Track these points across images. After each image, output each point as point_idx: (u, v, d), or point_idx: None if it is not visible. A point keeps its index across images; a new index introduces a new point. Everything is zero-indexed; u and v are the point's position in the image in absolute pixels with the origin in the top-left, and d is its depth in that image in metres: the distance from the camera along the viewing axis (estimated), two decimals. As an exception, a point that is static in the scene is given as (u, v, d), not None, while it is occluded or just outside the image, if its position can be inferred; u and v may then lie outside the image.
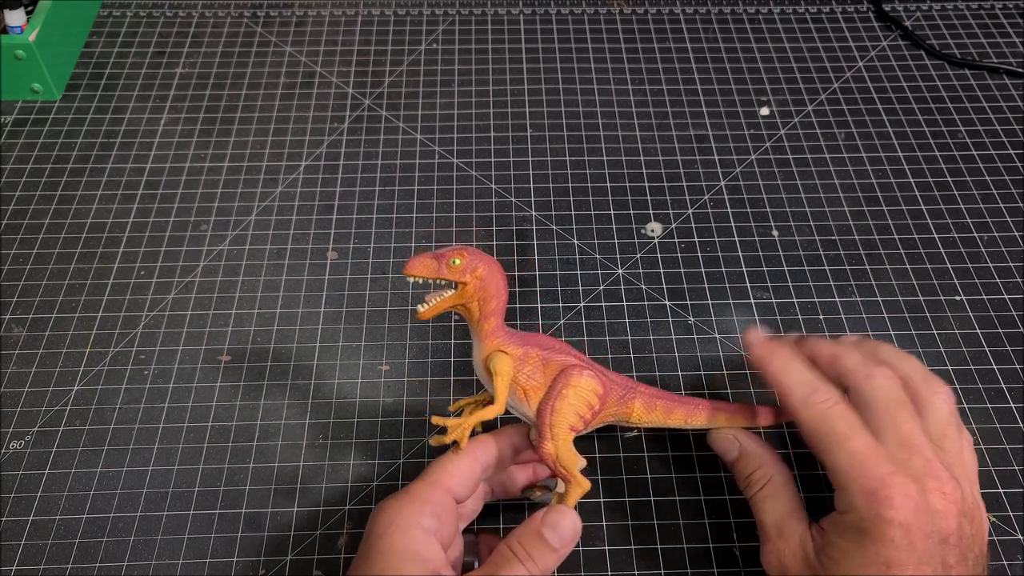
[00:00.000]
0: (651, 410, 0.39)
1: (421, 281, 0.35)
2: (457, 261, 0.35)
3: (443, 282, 0.35)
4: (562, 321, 0.49)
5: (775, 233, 0.53)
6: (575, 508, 0.35)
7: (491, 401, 0.36)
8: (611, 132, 0.60)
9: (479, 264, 0.35)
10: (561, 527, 0.33)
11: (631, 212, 0.55)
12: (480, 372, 0.38)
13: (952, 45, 0.66)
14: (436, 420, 0.36)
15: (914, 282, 0.51)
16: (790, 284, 0.51)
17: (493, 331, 0.36)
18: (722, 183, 0.56)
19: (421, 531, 0.33)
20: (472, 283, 0.35)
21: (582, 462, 0.37)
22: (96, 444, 0.44)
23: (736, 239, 0.53)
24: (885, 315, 0.49)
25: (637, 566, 0.40)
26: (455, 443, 0.36)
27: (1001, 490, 0.42)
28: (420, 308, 0.36)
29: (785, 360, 0.38)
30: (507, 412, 0.37)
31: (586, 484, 0.36)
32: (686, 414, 0.40)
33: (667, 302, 0.50)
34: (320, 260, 0.52)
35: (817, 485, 0.42)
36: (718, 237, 0.53)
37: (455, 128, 0.60)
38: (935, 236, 0.53)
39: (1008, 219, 0.54)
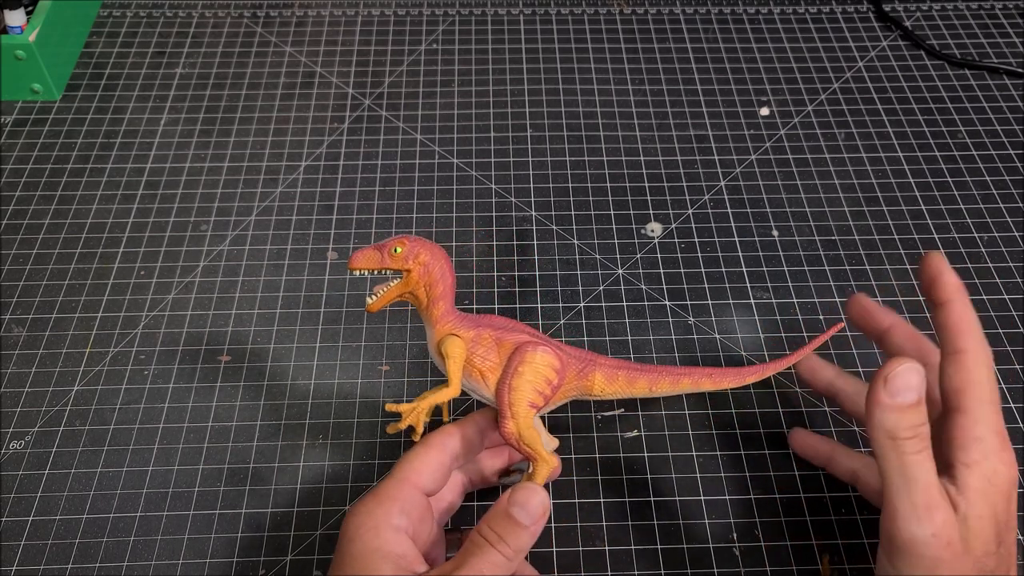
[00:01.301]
0: (613, 381, 0.39)
1: (367, 274, 0.35)
2: (398, 249, 0.35)
3: (388, 272, 0.35)
4: (562, 321, 0.49)
5: (775, 233, 0.53)
6: (545, 486, 0.35)
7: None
8: (611, 132, 0.60)
9: (421, 250, 0.35)
10: (530, 504, 0.32)
11: (631, 212, 0.55)
12: (435, 358, 0.37)
13: (952, 45, 0.66)
14: (389, 407, 0.36)
15: (914, 282, 0.51)
16: (790, 284, 0.51)
17: (443, 315, 0.36)
18: (722, 183, 0.56)
19: (392, 531, 0.33)
20: (416, 269, 0.35)
21: (553, 442, 0.37)
22: (96, 444, 0.44)
23: (736, 239, 0.53)
24: (885, 315, 0.49)
25: (637, 566, 0.40)
26: (412, 429, 0.36)
27: (1001, 490, 0.42)
28: (369, 300, 0.36)
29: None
30: (468, 396, 0.37)
31: (553, 461, 0.36)
32: (650, 382, 0.40)
33: (667, 302, 0.50)
34: (320, 260, 0.52)
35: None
36: (718, 237, 0.53)
37: (455, 128, 0.60)
38: (935, 236, 0.53)
39: (1008, 219, 0.54)
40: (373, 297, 0.36)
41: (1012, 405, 0.45)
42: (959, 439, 0.33)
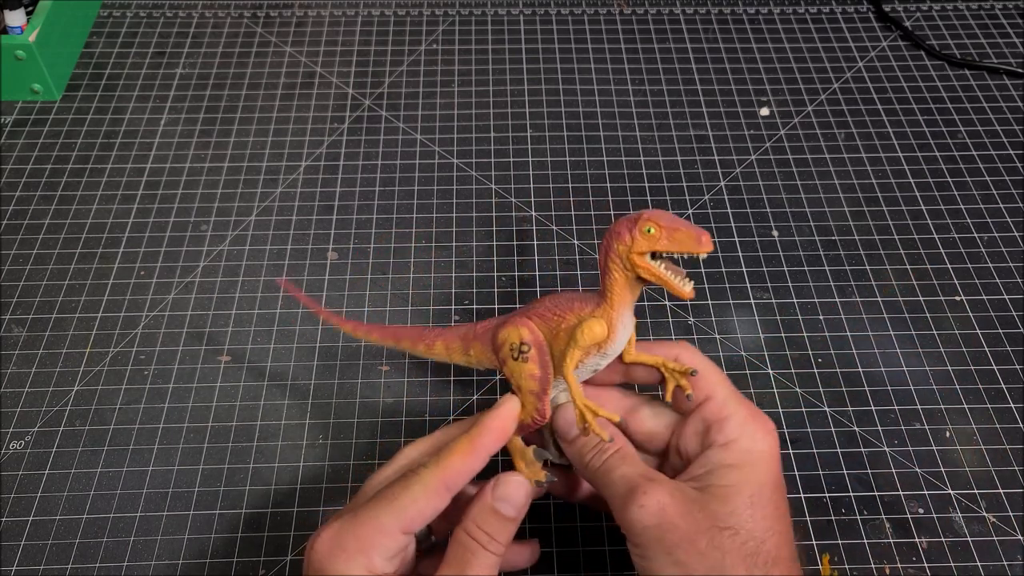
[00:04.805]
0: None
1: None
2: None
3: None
4: (562, 321, 0.49)
5: (775, 233, 0.53)
6: (540, 485, 0.34)
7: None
8: (611, 132, 0.60)
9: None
10: (514, 496, 0.32)
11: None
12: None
13: (952, 45, 0.66)
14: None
15: (914, 282, 0.51)
16: (790, 284, 0.51)
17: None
18: (722, 183, 0.56)
19: (366, 570, 0.31)
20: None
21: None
22: (96, 444, 0.44)
23: (736, 239, 0.53)
24: (885, 315, 0.49)
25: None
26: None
27: (1001, 490, 0.42)
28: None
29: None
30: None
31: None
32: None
33: (667, 302, 0.50)
34: (320, 260, 0.52)
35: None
36: (718, 237, 0.53)
37: (455, 128, 0.60)
38: (935, 236, 0.53)
39: (1008, 219, 0.54)
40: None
41: (1012, 405, 0.45)
42: (713, 421, 0.34)
